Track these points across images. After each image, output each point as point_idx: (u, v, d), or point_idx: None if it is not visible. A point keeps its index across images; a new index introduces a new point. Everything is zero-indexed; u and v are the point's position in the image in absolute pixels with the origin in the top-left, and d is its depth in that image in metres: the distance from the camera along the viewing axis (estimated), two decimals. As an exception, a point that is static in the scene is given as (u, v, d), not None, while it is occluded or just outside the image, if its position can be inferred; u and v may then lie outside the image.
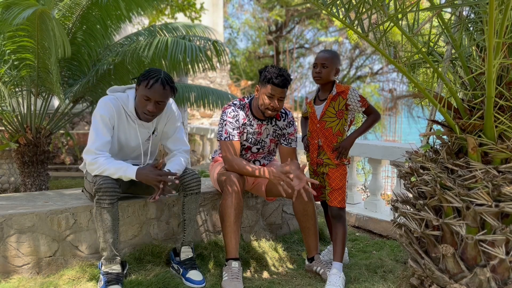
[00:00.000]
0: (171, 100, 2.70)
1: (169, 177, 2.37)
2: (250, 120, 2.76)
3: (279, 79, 2.55)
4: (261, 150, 2.87)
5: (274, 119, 2.80)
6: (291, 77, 2.65)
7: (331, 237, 2.93)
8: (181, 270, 2.56)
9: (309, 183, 2.51)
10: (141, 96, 2.40)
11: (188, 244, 2.63)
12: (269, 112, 2.64)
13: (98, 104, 2.47)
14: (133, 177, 2.35)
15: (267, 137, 2.84)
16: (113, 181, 2.34)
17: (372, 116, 2.69)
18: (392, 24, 1.97)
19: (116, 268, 2.36)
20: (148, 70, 2.43)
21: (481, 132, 2.02)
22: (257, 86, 2.68)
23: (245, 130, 2.76)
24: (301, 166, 2.53)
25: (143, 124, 2.55)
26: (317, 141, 2.71)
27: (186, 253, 2.61)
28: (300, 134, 3.68)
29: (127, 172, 2.35)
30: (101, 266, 2.38)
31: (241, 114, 2.74)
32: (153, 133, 2.63)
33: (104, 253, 2.36)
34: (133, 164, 2.66)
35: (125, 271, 2.40)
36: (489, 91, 1.85)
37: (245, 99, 2.81)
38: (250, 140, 2.79)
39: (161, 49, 3.86)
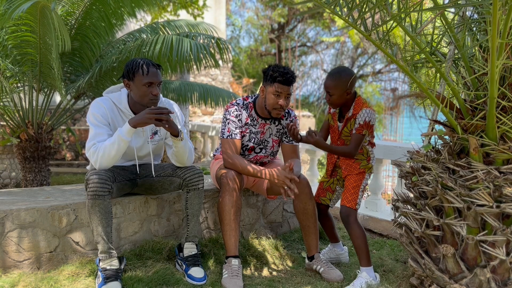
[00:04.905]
0: (172, 102, 2.72)
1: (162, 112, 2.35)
2: (254, 119, 2.76)
3: (285, 77, 2.56)
4: (264, 151, 2.86)
5: (278, 118, 2.80)
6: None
7: (329, 238, 2.93)
8: (184, 266, 2.56)
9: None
10: (142, 85, 2.42)
11: (192, 240, 2.63)
12: (277, 111, 2.65)
13: (90, 105, 2.51)
14: (129, 128, 2.32)
15: (269, 137, 2.84)
16: (105, 173, 2.34)
17: (349, 147, 2.54)
18: (395, 23, 1.96)
19: (114, 263, 2.35)
20: (131, 62, 2.47)
21: (483, 132, 2.02)
22: (262, 86, 2.68)
23: (248, 130, 2.76)
24: (288, 165, 2.53)
25: None
26: (337, 157, 2.70)
27: (189, 249, 2.61)
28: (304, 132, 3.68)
29: (122, 131, 2.34)
30: (99, 262, 2.36)
31: (244, 114, 2.74)
32: (155, 133, 2.63)
33: (98, 246, 2.36)
34: (140, 164, 2.67)
35: (122, 266, 2.39)
36: (491, 91, 1.85)
37: (249, 98, 2.81)
38: (253, 140, 2.80)
39: (167, 47, 3.86)
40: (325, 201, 2.80)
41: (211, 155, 6.84)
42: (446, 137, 2.22)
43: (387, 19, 1.90)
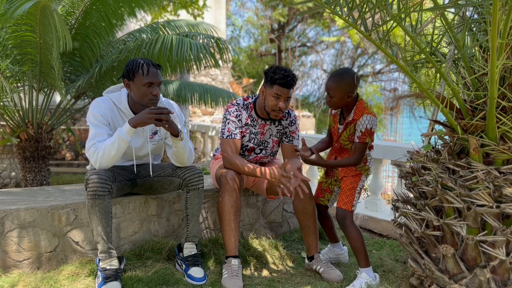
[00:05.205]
0: (172, 102, 2.73)
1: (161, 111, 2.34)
2: (254, 120, 2.76)
3: (286, 80, 2.55)
4: (264, 152, 2.87)
5: (278, 119, 2.80)
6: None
7: (329, 238, 2.93)
8: (184, 266, 2.56)
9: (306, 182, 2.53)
10: (142, 85, 2.42)
11: (192, 240, 2.63)
12: (275, 113, 2.64)
13: (90, 105, 2.51)
14: (129, 128, 2.33)
15: (270, 138, 2.84)
16: (105, 173, 2.34)
17: (354, 157, 2.51)
18: (395, 23, 1.96)
19: (114, 263, 2.35)
20: (131, 62, 2.46)
21: (483, 133, 2.02)
22: (262, 87, 2.68)
23: (248, 131, 2.76)
24: (297, 165, 2.55)
25: None
26: (334, 157, 2.69)
27: (189, 249, 2.61)
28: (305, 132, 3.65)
29: (122, 131, 2.34)
30: (99, 262, 2.36)
31: (244, 114, 2.74)
32: (155, 133, 2.63)
33: (98, 246, 2.36)
34: (140, 164, 2.67)
35: (122, 266, 2.39)
36: (491, 92, 1.85)
37: (249, 98, 2.81)
38: (253, 140, 2.80)
39: (166, 47, 3.86)
40: (324, 201, 2.79)
41: (211, 155, 6.84)
42: (446, 137, 2.22)
43: (387, 19, 1.90)
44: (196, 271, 2.50)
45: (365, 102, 2.55)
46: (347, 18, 1.91)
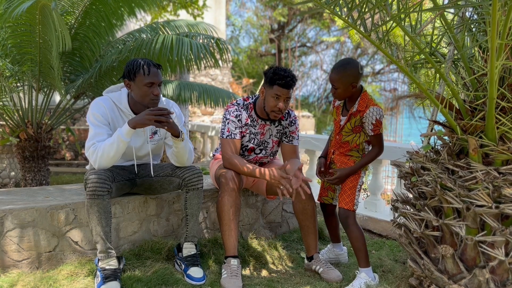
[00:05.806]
0: (173, 102, 2.73)
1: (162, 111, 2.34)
2: (253, 120, 2.76)
3: (285, 80, 2.55)
4: (263, 152, 2.87)
5: (278, 119, 2.80)
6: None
7: (331, 237, 2.93)
8: (183, 266, 2.56)
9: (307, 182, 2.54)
10: (143, 85, 2.42)
11: (191, 240, 2.63)
12: (275, 114, 2.64)
13: (90, 105, 2.51)
14: (128, 129, 2.33)
15: (269, 138, 2.84)
16: (104, 173, 2.34)
17: (376, 149, 2.56)
18: (394, 24, 1.97)
19: (113, 263, 2.35)
20: (132, 62, 2.46)
21: (482, 133, 2.03)
22: (262, 88, 2.68)
23: (248, 131, 2.76)
24: (298, 166, 2.54)
25: None
26: (332, 151, 2.69)
27: (188, 249, 2.61)
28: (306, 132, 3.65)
29: (121, 131, 2.34)
30: (98, 262, 2.36)
31: (244, 114, 2.74)
32: (155, 133, 2.63)
33: (97, 246, 2.36)
34: (139, 164, 2.67)
35: (121, 266, 2.39)
36: (491, 92, 1.85)
37: (249, 98, 2.81)
38: (253, 141, 2.80)
39: (166, 47, 3.86)
40: (328, 200, 2.79)
41: (211, 155, 6.84)
42: (446, 137, 2.22)
43: (387, 19, 1.90)
44: (196, 271, 2.50)
45: (369, 95, 2.55)
46: (346, 18, 1.92)
